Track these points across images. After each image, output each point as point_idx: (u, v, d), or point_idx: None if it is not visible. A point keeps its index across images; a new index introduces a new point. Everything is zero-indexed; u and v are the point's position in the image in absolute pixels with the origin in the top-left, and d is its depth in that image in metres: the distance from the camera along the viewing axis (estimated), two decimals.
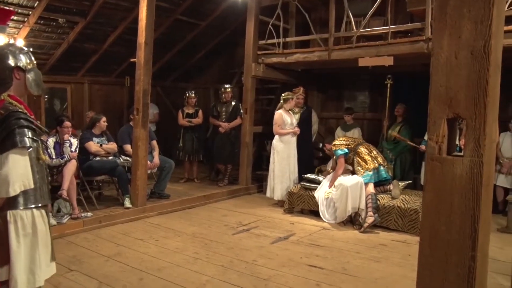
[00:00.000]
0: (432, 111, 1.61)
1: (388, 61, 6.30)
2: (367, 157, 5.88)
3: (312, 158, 7.84)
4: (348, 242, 5.09)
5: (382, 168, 5.89)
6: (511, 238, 5.18)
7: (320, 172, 6.82)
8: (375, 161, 5.87)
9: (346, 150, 6.02)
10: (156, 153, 6.66)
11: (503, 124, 6.19)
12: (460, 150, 1.67)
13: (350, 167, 6.14)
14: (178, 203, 6.57)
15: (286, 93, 6.95)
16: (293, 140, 6.86)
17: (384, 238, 5.26)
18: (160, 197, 6.63)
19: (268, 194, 6.87)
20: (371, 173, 5.77)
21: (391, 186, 5.91)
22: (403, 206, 5.52)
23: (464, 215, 1.56)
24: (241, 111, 7.84)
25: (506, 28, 5.23)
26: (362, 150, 5.94)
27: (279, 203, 6.85)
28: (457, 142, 5.40)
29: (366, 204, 5.63)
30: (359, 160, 5.91)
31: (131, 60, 6.40)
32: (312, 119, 7.82)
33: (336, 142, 6.21)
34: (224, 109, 7.94)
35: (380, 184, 5.96)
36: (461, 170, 1.55)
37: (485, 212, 1.62)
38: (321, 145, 8.89)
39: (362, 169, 5.82)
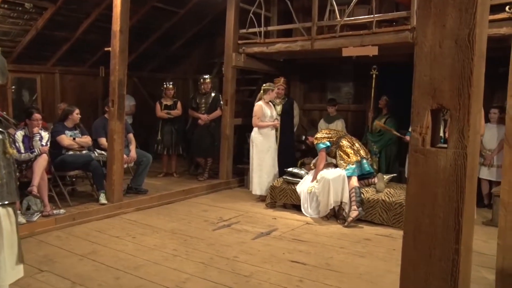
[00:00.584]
0: (415, 102, 1.63)
1: (373, 51, 6.35)
2: (349, 150, 5.93)
3: (294, 151, 7.87)
4: (331, 237, 5.14)
5: (364, 161, 5.95)
6: (496, 231, 5.29)
7: (303, 165, 6.85)
8: (357, 154, 5.92)
9: (328, 144, 6.05)
10: (132, 147, 6.60)
11: (487, 115, 6.30)
12: (446, 142, 1.69)
13: (333, 160, 6.19)
14: (156, 199, 6.53)
15: (267, 83, 6.95)
16: (273, 133, 6.87)
17: (368, 233, 5.33)
18: (137, 193, 6.58)
19: (250, 188, 6.89)
20: (353, 166, 5.82)
21: (375, 179, 5.97)
22: (388, 200, 5.59)
23: (448, 207, 1.58)
24: (221, 102, 7.82)
25: (491, 17, 5.32)
26: (344, 143, 5.98)
27: (260, 198, 6.88)
28: (441, 134, 5.52)
29: (350, 198, 5.68)
30: (341, 154, 5.95)
31: (106, 49, 6.30)
32: (293, 111, 7.85)
33: (318, 135, 6.23)
34: (203, 100, 7.91)
35: (364, 177, 6.02)
36: (445, 162, 1.57)
37: (469, 205, 1.65)
38: (303, 137, 8.94)
39: (345, 162, 5.87)
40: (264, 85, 6.91)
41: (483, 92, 1.71)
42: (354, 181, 5.75)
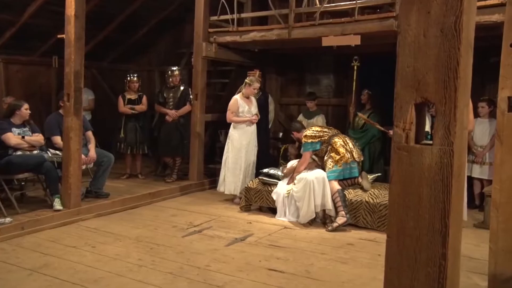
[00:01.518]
0: (398, 95, 1.65)
1: (355, 41, 6.41)
2: (342, 150, 5.84)
3: (270, 150, 7.90)
4: (311, 242, 5.18)
5: (355, 165, 5.95)
6: (488, 234, 5.41)
7: (285, 155, 6.92)
8: (349, 155, 5.87)
9: (318, 147, 5.98)
10: (92, 146, 6.50)
11: (476, 109, 6.40)
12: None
13: (316, 159, 6.19)
14: (119, 203, 6.46)
15: (250, 78, 6.93)
16: (250, 130, 6.87)
17: (351, 237, 5.39)
18: (97, 197, 6.49)
19: (219, 188, 6.90)
20: (340, 168, 5.81)
21: (360, 179, 6.01)
22: (372, 201, 5.67)
23: (434, 208, 1.62)
24: (191, 96, 7.79)
25: (481, 3, 5.40)
26: (337, 141, 5.89)
27: (234, 201, 6.90)
28: (427, 129, 5.58)
29: (335, 203, 5.72)
30: (332, 153, 5.89)
31: (59, 36, 6.19)
32: (269, 105, 7.88)
33: (308, 132, 6.08)
34: (171, 94, 7.87)
35: (346, 177, 6.05)
36: (430, 159, 1.61)
37: (456, 205, 1.69)
38: (280, 134, 8.99)
39: (332, 161, 5.83)
40: (248, 78, 6.89)
41: (472, 84, 1.75)
42: (335, 184, 5.78)
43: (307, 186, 5.77)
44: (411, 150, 1.65)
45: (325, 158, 5.96)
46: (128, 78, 8.06)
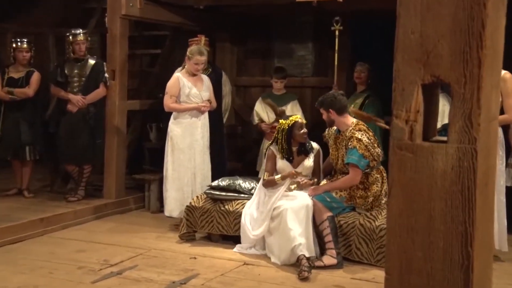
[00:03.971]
0: (399, 73, 1.68)
1: None
2: (376, 187, 5.92)
3: (224, 151, 7.91)
4: (283, 284, 5.21)
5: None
6: None
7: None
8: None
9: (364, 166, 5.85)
10: None
11: None
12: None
13: (299, 179, 6.15)
14: None
15: (194, 46, 6.88)
16: (201, 123, 6.83)
17: (340, 276, 5.45)
18: None
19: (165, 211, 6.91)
20: (349, 204, 5.91)
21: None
22: (368, 225, 5.74)
23: (451, 232, 1.65)
24: (106, 75, 7.71)
25: None
26: (383, 169, 6.00)
27: (174, 225, 6.91)
28: (444, 121, 5.69)
29: (322, 235, 5.77)
30: (371, 180, 5.92)
31: None
32: (222, 87, 7.88)
33: (364, 137, 5.76)
34: (75, 71, 7.76)
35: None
36: (445, 163, 1.64)
37: (483, 228, 1.73)
38: (239, 128, 8.97)
39: (362, 196, 5.89)
40: (190, 48, 6.84)
41: (504, 56, 1.80)
42: (323, 208, 5.82)
43: (283, 219, 5.79)
44: (418, 150, 1.67)
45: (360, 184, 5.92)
46: (14, 45, 7.90)
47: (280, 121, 6.23)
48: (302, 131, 6.08)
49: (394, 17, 1.74)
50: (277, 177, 6.07)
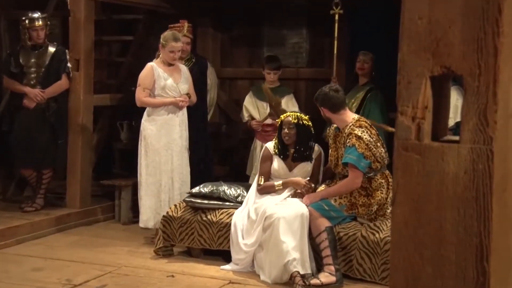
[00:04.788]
0: (404, 64, 1.67)
1: None
2: (381, 193, 5.89)
3: (210, 153, 7.92)
4: None
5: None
6: None
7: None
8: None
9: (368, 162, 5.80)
10: None
11: None
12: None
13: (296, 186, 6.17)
14: None
15: (170, 31, 6.87)
16: (179, 120, 6.82)
17: None
18: None
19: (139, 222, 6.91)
20: (351, 213, 5.89)
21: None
22: (371, 237, 5.74)
23: (464, 245, 1.64)
24: (68, 65, 7.69)
25: None
26: (388, 174, 5.92)
27: (149, 238, 6.91)
28: (457, 119, 5.68)
29: (320, 248, 5.76)
30: (375, 185, 5.90)
31: None
32: (207, 80, 7.89)
33: (365, 135, 5.76)
34: (33, 60, 7.73)
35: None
36: (456, 166, 1.63)
37: (501, 240, 1.72)
38: (224, 127, 8.97)
39: (365, 204, 5.86)
40: (163, 34, 6.82)
41: None
42: (320, 217, 5.80)
43: (275, 228, 5.75)
44: (426, 152, 1.67)
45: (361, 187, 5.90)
46: None
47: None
48: (284, 130, 6.12)
49: (399, 0, 1.74)
50: (277, 183, 6.10)
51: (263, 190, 6.16)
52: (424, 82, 1.68)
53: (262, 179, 6.17)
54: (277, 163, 6.21)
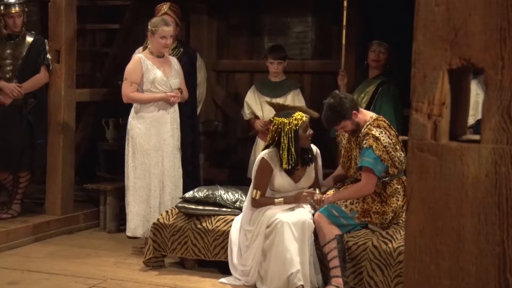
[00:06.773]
0: (420, 56, 1.67)
1: None
2: (397, 201, 5.89)
3: (198, 151, 7.95)
4: None
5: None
6: None
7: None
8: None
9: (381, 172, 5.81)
10: None
11: None
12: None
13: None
14: None
15: (158, 18, 6.88)
16: (170, 117, 6.84)
17: None
18: None
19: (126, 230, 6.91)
20: (363, 221, 5.89)
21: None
22: (384, 247, 5.74)
23: (485, 255, 1.65)
24: (48, 56, 7.71)
25: None
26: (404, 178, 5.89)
27: (137, 247, 6.93)
28: (478, 116, 5.67)
29: (327, 258, 5.77)
30: (390, 191, 5.90)
31: None
32: (196, 73, 7.92)
33: (383, 136, 5.74)
34: (8, 51, 7.74)
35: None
36: (477, 168, 1.64)
37: None
38: (216, 124, 8.96)
39: (379, 211, 5.85)
40: (151, 21, 6.82)
41: None
42: (330, 225, 5.80)
43: (279, 235, 5.75)
44: (443, 153, 1.68)
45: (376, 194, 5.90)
46: None
47: (276, 118, 6.04)
48: (308, 132, 5.99)
49: None
50: (277, 200, 5.99)
51: (259, 205, 6.05)
52: (441, 76, 1.68)
53: (258, 194, 6.01)
54: (281, 178, 6.05)
